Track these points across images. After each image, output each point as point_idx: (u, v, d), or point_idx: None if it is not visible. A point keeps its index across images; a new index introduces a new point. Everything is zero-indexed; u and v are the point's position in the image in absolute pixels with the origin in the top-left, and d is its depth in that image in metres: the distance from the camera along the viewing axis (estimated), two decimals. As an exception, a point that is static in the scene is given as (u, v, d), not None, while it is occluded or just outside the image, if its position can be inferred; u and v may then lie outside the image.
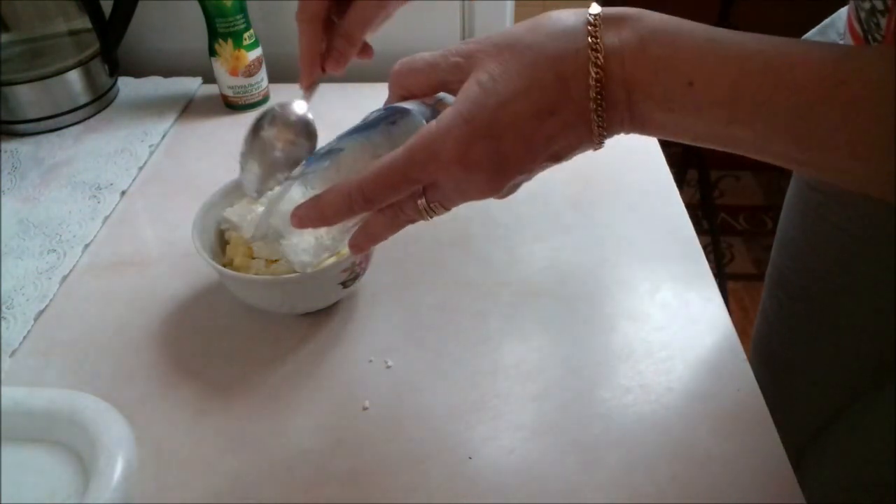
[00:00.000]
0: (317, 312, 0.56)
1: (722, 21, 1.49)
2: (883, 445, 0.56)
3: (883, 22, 0.44)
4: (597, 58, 0.33)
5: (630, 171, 0.69)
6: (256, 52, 0.79)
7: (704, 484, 0.44)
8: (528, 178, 0.38)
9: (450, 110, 0.35)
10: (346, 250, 0.48)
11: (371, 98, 0.82)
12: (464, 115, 0.34)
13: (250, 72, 0.80)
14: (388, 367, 0.52)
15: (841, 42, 0.56)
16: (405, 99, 0.39)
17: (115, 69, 0.84)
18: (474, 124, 0.34)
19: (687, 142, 0.35)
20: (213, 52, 0.78)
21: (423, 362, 0.52)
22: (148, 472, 0.45)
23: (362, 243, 0.41)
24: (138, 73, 0.89)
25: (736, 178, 2.12)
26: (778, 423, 0.47)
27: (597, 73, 0.33)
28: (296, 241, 0.46)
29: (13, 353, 0.54)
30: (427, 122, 0.37)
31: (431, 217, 0.39)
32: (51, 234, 0.64)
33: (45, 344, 0.55)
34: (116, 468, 0.42)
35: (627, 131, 0.36)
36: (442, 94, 0.39)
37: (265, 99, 0.83)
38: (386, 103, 0.40)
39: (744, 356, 0.52)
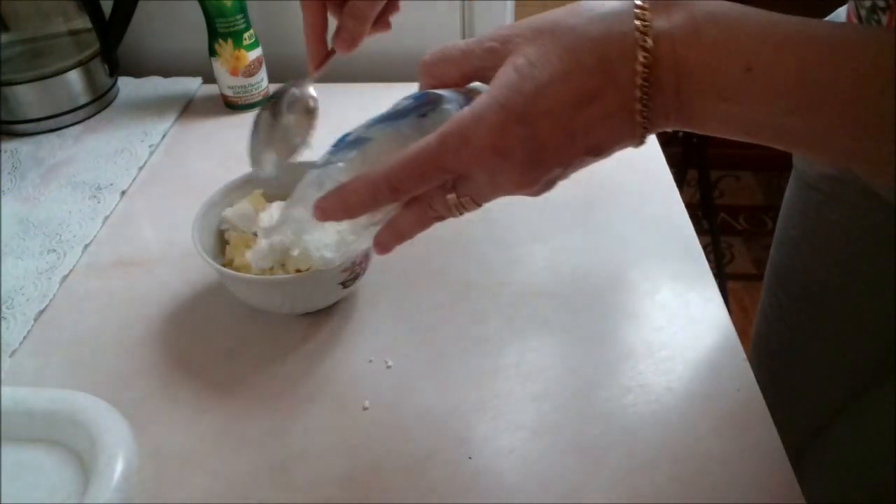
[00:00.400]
0: (317, 312, 0.56)
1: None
2: (882, 445, 0.56)
3: (884, 19, 0.44)
4: (645, 40, 0.31)
5: (630, 171, 0.69)
6: (256, 52, 0.79)
7: (704, 484, 0.44)
8: (565, 175, 0.36)
9: (484, 96, 0.33)
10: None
11: (375, 99, 0.82)
12: (499, 101, 0.32)
13: (250, 72, 0.80)
14: (388, 367, 0.52)
15: None
16: (435, 88, 0.38)
17: (115, 69, 0.84)
18: (509, 109, 0.32)
19: (736, 136, 0.33)
20: (213, 52, 0.78)
21: (423, 362, 0.52)
22: (148, 472, 0.45)
23: (388, 241, 0.40)
24: (138, 73, 0.89)
25: (736, 178, 2.12)
26: (778, 422, 0.47)
27: (645, 56, 0.31)
28: (318, 237, 0.44)
29: (13, 353, 0.54)
30: (458, 105, 0.36)
31: (461, 213, 0.37)
32: (51, 234, 0.64)
33: (45, 344, 0.55)
34: (116, 468, 0.42)
35: (672, 125, 0.34)
36: (475, 84, 0.37)
37: (265, 99, 0.83)
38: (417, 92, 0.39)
39: (744, 356, 0.52)
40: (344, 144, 0.39)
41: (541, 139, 0.33)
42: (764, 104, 0.31)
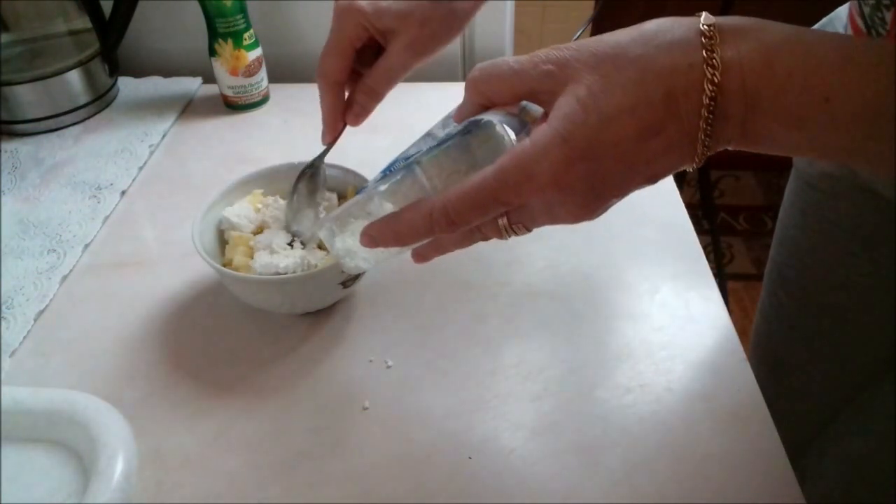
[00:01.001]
0: (317, 312, 0.56)
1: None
2: (882, 443, 0.56)
3: (888, 16, 0.44)
4: (713, 74, 0.30)
5: (630, 171, 0.69)
6: (256, 52, 0.79)
7: (704, 484, 0.44)
8: (620, 200, 0.35)
9: (545, 128, 0.32)
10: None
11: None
12: (562, 135, 0.31)
13: (250, 72, 0.80)
14: (388, 367, 0.52)
15: None
16: (483, 107, 0.36)
17: (115, 69, 0.84)
18: (573, 145, 0.31)
19: (801, 156, 0.33)
20: (213, 52, 0.78)
21: (423, 362, 0.52)
22: (148, 472, 0.45)
23: (429, 254, 0.39)
24: (138, 73, 0.89)
25: (736, 178, 2.12)
26: (778, 422, 0.47)
27: (712, 90, 0.30)
28: (353, 247, 0.43)
29: (13, 353, 0.54)
30: (513, 132, 0.34)
31: (510, 237, 0.36)
32: (51, 234, 0.64)
33: (45, 344, 0.55)
34: (116, 468, 0.42)
35: (734, 147, 0.33)
36: (526, 103, 0.36)
37: (265, 99, 0.83)
38: (460, 109, 0.37)
39: (744, 356, 0.52)
40: (392, 170, 0.37)
41: (603, 173, 0.32)
42: (842, 132, 0.30)
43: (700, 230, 0.63)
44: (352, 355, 0.53)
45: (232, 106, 0.82)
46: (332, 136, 0.50)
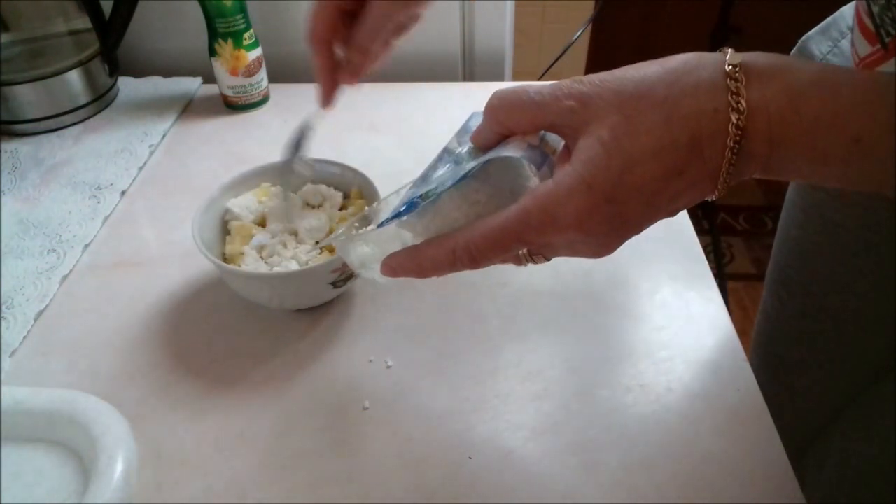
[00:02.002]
0: (316, 312, 0.56)
1: (722, 21, 1.49)
2: (884, 445, 0.56)
3: None
4: (739, 119, 0.30)
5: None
6: (256, 52, 0.79)
7: (704, 484, 0.44)
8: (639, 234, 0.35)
9: (569, 170, 0.32)
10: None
11: (376, 99, 0.82)
12: (586, 180, 0.31)
13: (250, 72, 0.80)
14: (388, 367, 0.52)
15: (845, 40, 0.56)
16: (502, 136, 0.36)
17: (115, 69, 0.84)
18: (597, 189, 0.31)
19: (828, 185, 0.33)
20: (213, 52, 0.78)
21: (423, 362, 0.52)
22: (148, 472, 0.45)
23: (406, 275, 0.39)
24: (138, 73, 0.89)
25: (736, 178, 2.12)
26: (779, 421, 0.47)
27: (737, 134, 0.30)
28: (368, 260, 0.43)
29: (13, 353, 0.54)
30: (534, 165, 0.34)
31: (527, 265, 0.37)
32: (51, 234, 0.64)
33: (45, 344, 0.55)
34: (116, 468, 0.42)
35: (756, 177, 0.33)
36: (545, 133, 0.35)
37: (265, 99, 0.83)
38: (478, 133, 0.37)
39: (744, 356, 0.52)
40: (411, 201, 0.37)
41: (626, 215, 0.32)
42: (873, 168, 0.30)
43: (700, 230, 0.63)
44: (352, 355, 0.53)
45: (232, 106, 0.82)
46: (327, 99, 0.49)
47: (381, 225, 0.38)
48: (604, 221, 0.32)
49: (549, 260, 0.36)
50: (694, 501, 0.43)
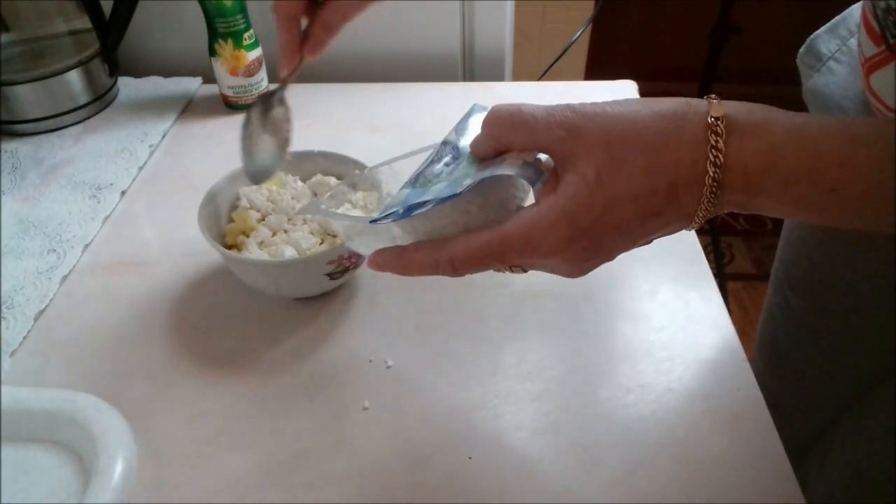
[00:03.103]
0: (316, 313, 0.56)
1: (722, 21, 1.49)
2: (886, 444, 0.56)
3: None
4: (716, 172, 0.31)
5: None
6: (256, 52, 0.79)
7: (704, 484, 0.44)
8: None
9: (553, 203, 0.34)
10: (337, 241, 0.51)
11: (376, 99, 0.82)
12: (567, 216, 0.33)
13: (250, 72, 0.80)
14: (388, 367, 0.52)
15: (853, 39, 0.56)
16: (497, 150, 0.37)
17: (115, 69, 0.84)
18: (577, 225, 0.33)
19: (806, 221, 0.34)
20: (213, 52, 0.78)
21: (423, 362, 0.52)
22: (148, 472, 0.45)
23: (390, 272, 0.40)
24: (138, 73, 0.89)
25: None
26: (781, 421, 0.47)
27: (713, 185, 0.32)
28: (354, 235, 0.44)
29: (13, 353, 0.54)
30: (530, 182, 0.35)
31: (505, 273, 0.39)
32: (51, 234, 0.64)
33: (45, 344, 0.55)
34: (116, 468, 0.42)
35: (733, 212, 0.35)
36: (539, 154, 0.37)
37: (249, 105, 0.83)
38: (476, 143, 0.38)
39: (744, 356, 0.52)
40: (407, 204, 0.38)
41: (601, 247, 0.35)
42: (849, 213, 0.32)
43: (700, 230, 0.63)
44: (352, 355, 0.53)
45: (232, 106, 0.82)
46: (288, 69, 0.51)
47: (374, 221, 0.39)
48: (580, 251, 0.35)
49: (525, 272, 0.39)
50: (694, 501, 0.43)
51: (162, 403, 0.50)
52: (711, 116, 0.32)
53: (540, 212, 0.34)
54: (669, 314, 0.55)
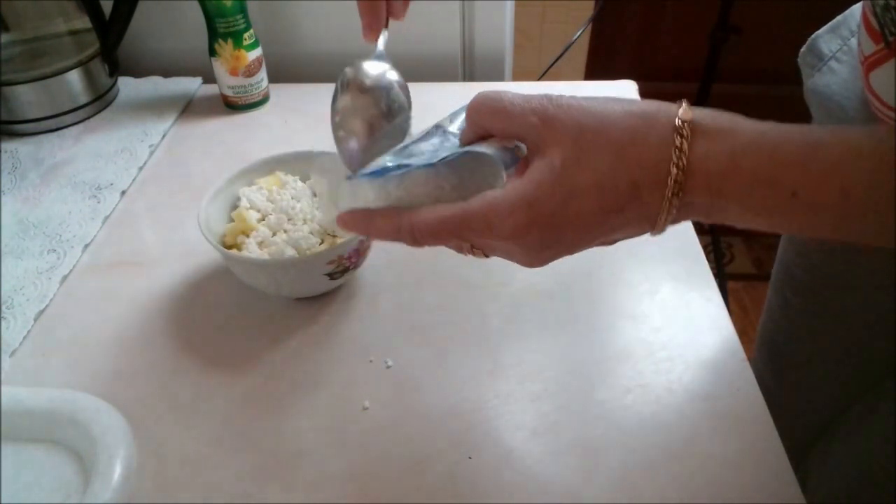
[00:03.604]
0: (317, 313, 0.56)
1: (722, 21, 1.49)
2: (887, 444, 0.56)
3: None
4: (678, 174, 0.32)
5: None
6: (256, 52, 0.79)
7: (704, 484, 0.44)
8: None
9: (517, 186, 0.34)
10: (339, 240, 0.50)
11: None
12: (528, 200, 0.34)
13: (250, 72, 0.80)
14: (388, 367, 0.52)
15: (854, 39, 0.56)
16: (479, 136, 0.38)
17: (115, 69, 0.84)
18: (537, 211, 0.34)
19: (780, 233, 0.34)
20: (213, 52, 0.78)
21: (423, 362, 0.52)
22: (148, 472, 0.45)
23: (356, 232, 0.41)
24: (138, 73, 0.89)
25: (736, 178, 2.11)
26: (782, 421, 0.47)
27: (675, 187, 0.32)
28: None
29: (13, 353, 0.54)
30: (504, 166, 0.36)
31: (468, 255, 0.39)
32: (51, 234, 0.64)
33: (45, 344, 0.55)
34: (116, 468, 0.42)
35: (700, 220, 0.35)
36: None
37: (265, 99, 0.83)
38: (464, 133, 0.39)
39: (744, 356, 0.52)
40: (389, 167, 0.38)
41: (560, 238, 0.35)
42: (811, 219, 0.32)
43: (700, 230, 0.63)
44: (352, 355, 0.53)
45: (232, 106, 0.82)
46: (375, 35, 0.48)
47: (349, 178, 0.39)
48: (537, 239, 0.35)
49: (487, 257, 0.38)
50: (694, 502, 0.43)
51: (162, 403, 0.50)
52: (679, 119, 0.32)
53: (504, 194, 0.34)
54: (669, 314, 0.55)
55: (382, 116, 0.44)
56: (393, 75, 0.46)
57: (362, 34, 0.48)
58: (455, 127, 0.40)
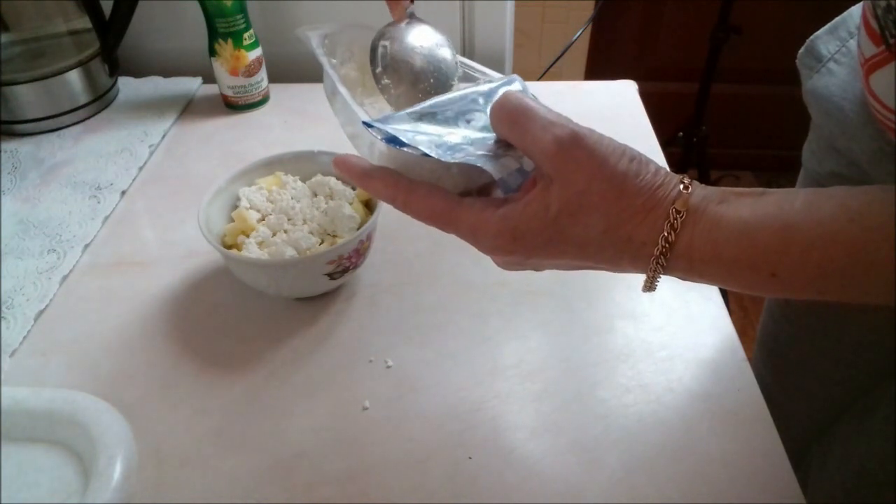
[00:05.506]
0: (317, 312, 0.56)
1: (722, 21, 1.49)
2: (887, 444, 0.56)
3: None
4: (661, 259, 0.34)
5: (630, 171, 0.69)
6: (256, 52, 0.79)
7: (704, 484, 0.44)
8: None
9: (510, 213, 0.35)
10: (339, 240, 0.50)
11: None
12: (515, 231, 0.35)
13: (250, 72, 0.80)
14: (388, 367, 0.52)
15: (853, 40, 0.55)
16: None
17: (115, 69, 0.84)
18: (520, 243, 0.35)
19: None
20: (213, 52, 0.78)
21: (423, 362, 0.52)
22: (148, 472, 0.45)
23: (345, 173, 0.41)
24: (138, 73, 0.89)
25: (736, 178, 2.12)
26: (781, 421, 0.47)
27: (655, 266, 0.35)
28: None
29: (13, 353, 0.54)
30: (507, 189, 0.37)
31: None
32: (51, 234, 0.64)
33: (45, 344, 0.55)
34: (116, 468, 0.42)
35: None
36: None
37: (265, 99, 0.83)
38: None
39: (744, 356, 0.52)
40: (400, 143, 0.38)
41: (537, 265, 0.38)
42: (789, 293, 0.34)
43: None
44: (352, 355, 0.53)
45: (232, 106, 0.82)
46: (401, 13, 0.47)
47: (366, 123, 0.38)
48: (514, 260, 0.38)
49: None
50: (694, 501, 0.43)
51: (162, 403, 0.50)
52: (674, 209, 0.33)
53: (496, 214, 0.36)
54: (669, 314, 0.55)
55: (429, 62, 0.46)
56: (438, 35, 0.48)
57: (393, 16, 0.48)
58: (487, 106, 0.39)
